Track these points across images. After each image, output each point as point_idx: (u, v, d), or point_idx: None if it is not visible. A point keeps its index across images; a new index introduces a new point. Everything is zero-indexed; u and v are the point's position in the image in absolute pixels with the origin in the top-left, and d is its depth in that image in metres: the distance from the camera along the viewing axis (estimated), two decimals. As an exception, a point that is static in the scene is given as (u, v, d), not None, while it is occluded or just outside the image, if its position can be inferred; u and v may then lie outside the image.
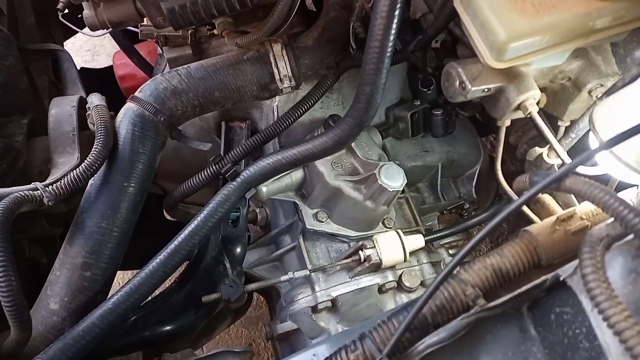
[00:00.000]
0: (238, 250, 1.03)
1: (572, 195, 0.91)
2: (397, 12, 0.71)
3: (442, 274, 0.62)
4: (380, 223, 1.11)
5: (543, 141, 0.91)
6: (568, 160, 0.83)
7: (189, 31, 1.03)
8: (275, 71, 0.95)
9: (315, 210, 1.07)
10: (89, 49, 2.64)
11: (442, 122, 1.20)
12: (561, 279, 0.54)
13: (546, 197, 0.73)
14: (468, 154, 1.33)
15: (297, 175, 1.05)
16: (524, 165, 1.08)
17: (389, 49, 0.74)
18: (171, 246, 0.85)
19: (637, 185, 0.58)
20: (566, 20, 0.71)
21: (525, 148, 1.18)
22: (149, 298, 0.95)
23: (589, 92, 0.84)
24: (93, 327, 0.76)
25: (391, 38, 0.73)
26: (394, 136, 1.27)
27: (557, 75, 0.86)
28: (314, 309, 1.03)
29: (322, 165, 1.02)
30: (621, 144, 0.61)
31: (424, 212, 1.32)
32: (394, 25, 0.72)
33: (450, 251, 1.30)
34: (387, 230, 1.09)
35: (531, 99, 0.81)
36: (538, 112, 0.88)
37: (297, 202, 1.07)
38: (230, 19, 0.96)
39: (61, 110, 0.98)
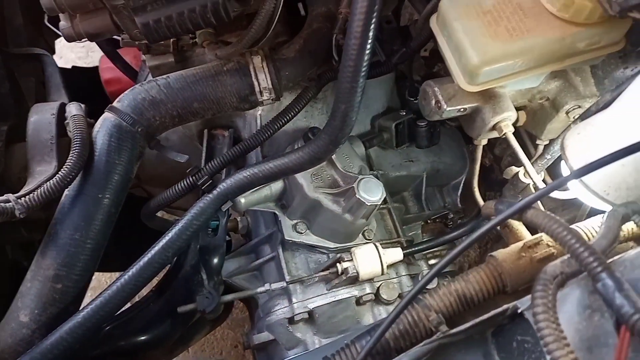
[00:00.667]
0: (215, 260, 1.03)
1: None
2: (371, 33, 0.70)
3: (404, 301, 0.62)
4: (361, 234, 1.10)
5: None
6: (540, 182, 0.82)
7: (171, 40, 1.02)
8: (255, 83, 0.95)
9: (295, 221, 1.07)
10: (83, 45, 2.62)
11: (427, 134, 1.20)
12: (519, 311, 0.54)
13: (515, 222, 0.73)
14: (453, 163, 1.33)
15: (276, 186, 1.05)
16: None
17: (364, 69, 0.74)
18: (144, 259, 0.85)
19: (603, 214, 0.58)
20: (540, 45, 0.71)
21: (509, 161, 1.18)
22: (127, 306, 0.96)
23: (567, 113, 0.83)
24: (62, 340, 0.76)
25: (365, 58, 0.73)
26: (379, 145, 1.27)
27: (535, 95, 0.85)
28: (291, 320, 1.03)
29: (301, 177, 1.02)
30: (591, 173, 0.60)
31: (408, 221, 1.32)
32: (368, 46, 0.72)
33: (431, 261, 1.30)
34: (367, 243, 1.09)
35: (507, 120, 0.81)
36: (519, 129, 0.87)
37: (277, 212, 1.07)
38: (211, 29, 0.95)
39: (40, 118, 0.98)
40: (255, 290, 1.02)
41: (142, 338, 0.98)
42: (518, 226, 0.71)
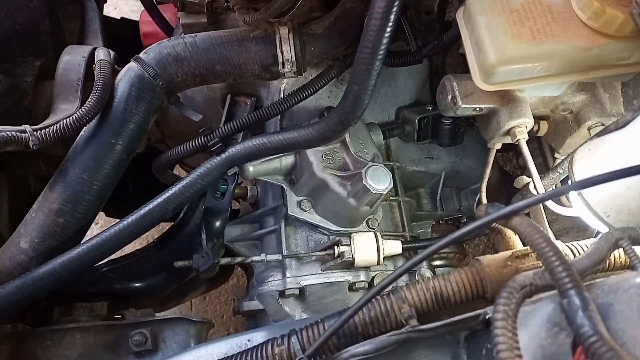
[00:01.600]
0: (217, 224, 1.05)
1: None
2: (393, 15, 0.69)
3: (378, 287, 0.61)
4: (365, 222, 1.10)
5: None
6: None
7: (206, 0, 1.03)
8: (279, 54, 0.95)
9: (301, 198, 1.07)
10: (137, -1, 2.67)
11: (450, 132, 1.17)
12: (487, 317, 0.53)
13: (509, 230, 0.70)
14: (475, 167, 1.30)
15: (287, 160, 1.05)
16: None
17: (381, 52, 0.73)
18: (144, 209, 0.87)
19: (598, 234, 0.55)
20: (562, 52, 0.67)
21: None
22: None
23: (589, 129, 0.80)
24: (54, 272, 0.80)
25: (384, 41, 0.72)
26: (400, 137, 1.25)
27: (558, 105, 0.81)
28: (282, 294, 1.04)
29: (312, 155, 1.02)
30: (593, 191, 0.58)
31: (419, 218, 1.31)
32: (389, 28, 0.70)
33: (436, 262, 1.28)
34: (368, 231, 1.08)
35: (522, 127, 0.78)
36: (542, 139, 0.84)
37: (285, 186, 1.07)
38: (244, -7, 0.95)
39: (71, 59, 1.01)
40: (250, 259, 1.04)
41: (137, 285, 1.01)
42: (510, 234, 0.69)
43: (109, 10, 2.39)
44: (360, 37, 1.01)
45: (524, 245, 0.59)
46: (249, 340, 0.70)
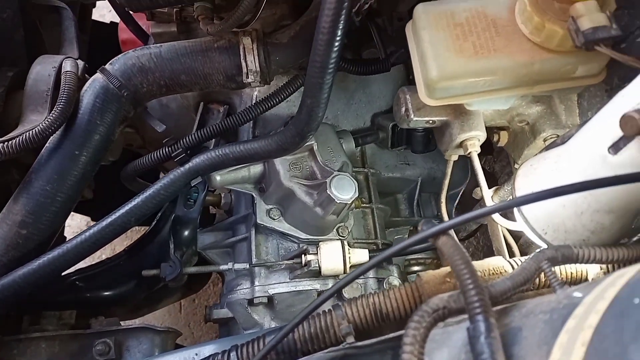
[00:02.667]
0: (186, 233, 1.06)
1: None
2: (339, 30, 0.69)
3: (315, 303, 0.61)
4: (335, 230, 1.10)
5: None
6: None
7: (174, 9, 1.04)
8: (243, 64, 0.95)
9: (270, 207, 1.07)
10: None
11: (423, 139, 1.16)
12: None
13: (453, 245, 0.70)
14: (452, 173, 1.29)
15: (255, 169, 1.05)
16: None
17: (331, 66, 0.73)
18: (106, 220, 0.88)
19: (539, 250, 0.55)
20: (504, 67, 0.67)
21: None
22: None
23: (544, 141, 0.79)
24: (14, 283, 0.81)
25: (333, 55, 0.72)
26: (376, 144, 1.25)
27: (514, 117, 0.81)
28: (250, 302, 1.04)
29: (279, 164, 1.02)
30: (532, 208, 0.58)
31: (396, 224, 1.30)
32: (337, 43, 0.70)
33: (415, 268, 1.28)
34: (339, 239, 1.08)
35: (474, 140, 0.77)
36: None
37: (254, 195, 1.08)
38: (208, 4, 0.96)
39: (41, 69, 1.02)
40: (218, 267, 1.04)
41: (106, 293, 1.02)
42: (454, 250, 0.68)
43: (104, 13, 2.40)
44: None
45: (446, 265, 0.59)
46: (196, 354, 0.71)
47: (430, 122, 0.79)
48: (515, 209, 0.61)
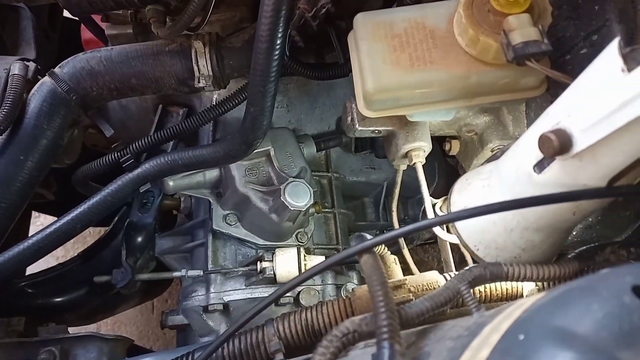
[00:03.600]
0: (139, 239, 1.04)
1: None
2: (279, 40, 0.68)
3: (242, 320, 0.60)
4: (294, 236, 1.08)
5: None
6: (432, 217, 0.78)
7: (129, 11, 1.02)
8: (195, 68, 0.93)
9: (227, 212, 1.06)
10: None
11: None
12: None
13: (390, 258, 0.69)
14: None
15: (211, 174, 1.04)
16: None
17: (273, 74, 0.71)
18: (51, 228, 0.86)
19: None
20: (440, 79, 0.65)
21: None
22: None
23: (492, 151, 0.78)
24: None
25: (274, 63, 0.70)
26: (341, 148, 1.23)
27: (462, 127, 0.79)
28: (205, 309, 1.03)
29: (235, 170, 1.00)
30: (466, 223, 0.56)
31: (362, 228, 1.29)
32: (277, 52, 0.69)
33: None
34: (298, 245, 1.07)
35: (419, 150, 0.76)
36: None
37: (211, 200, 1.06)
38: (160, 7, 0.94)
39: (-9, 72, 0.99)
40: (171, 274, 1.03)
41: (57, 299, 1.01)
42: (391, 264, 0.67)
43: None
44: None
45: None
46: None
47: (376, 131, 0.78)
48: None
